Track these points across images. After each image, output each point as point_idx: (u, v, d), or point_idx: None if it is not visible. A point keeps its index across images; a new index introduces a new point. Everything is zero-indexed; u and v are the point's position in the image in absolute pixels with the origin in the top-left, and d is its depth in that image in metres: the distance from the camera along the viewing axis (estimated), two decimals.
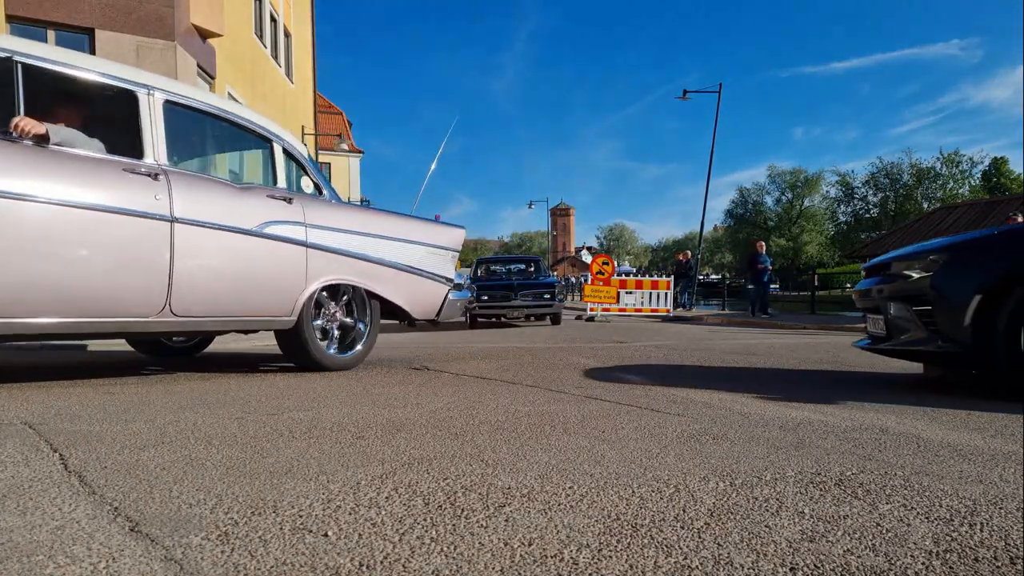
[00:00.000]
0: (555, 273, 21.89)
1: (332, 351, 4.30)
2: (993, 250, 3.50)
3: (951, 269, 3.50)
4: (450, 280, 5.02)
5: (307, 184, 4.38)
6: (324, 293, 4.24)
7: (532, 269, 14.10)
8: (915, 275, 3.60)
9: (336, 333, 4.38)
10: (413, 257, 4.74)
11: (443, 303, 4.96)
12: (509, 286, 12.12)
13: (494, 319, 12.60)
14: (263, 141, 4.25)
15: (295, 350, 4.19)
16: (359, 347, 4.45)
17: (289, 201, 4.04)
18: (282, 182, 4.19)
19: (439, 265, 4.95)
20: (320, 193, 4.42)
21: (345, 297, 4.41)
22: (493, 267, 14.91)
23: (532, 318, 12.56)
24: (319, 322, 4.25)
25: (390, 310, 4.68)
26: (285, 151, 4.29)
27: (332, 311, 4.35)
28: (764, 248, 16.25)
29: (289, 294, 3.96)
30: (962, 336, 3.35)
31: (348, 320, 4.43)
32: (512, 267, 14.94)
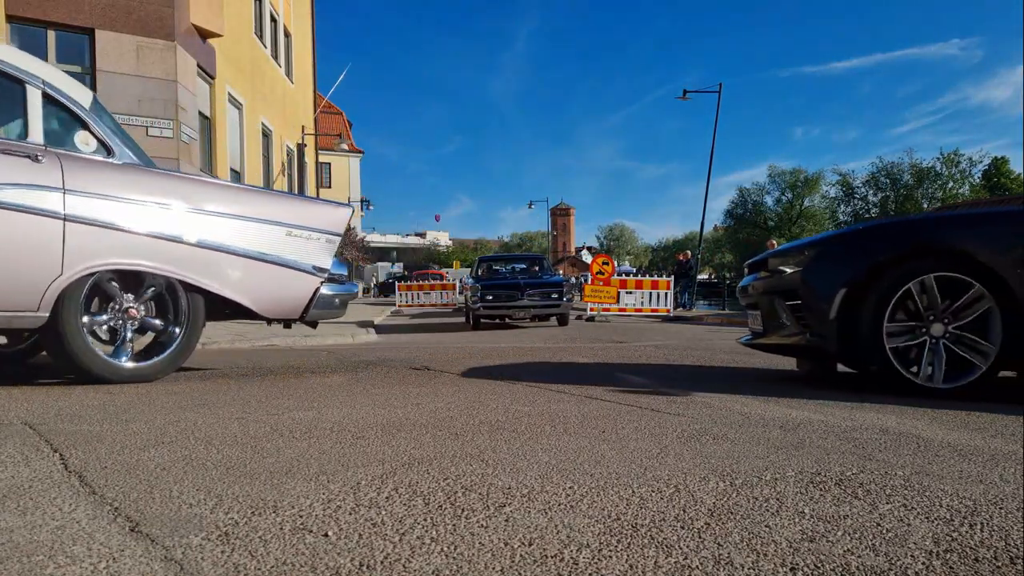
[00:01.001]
0: (559, 271, 21.78)
1: (123, 359, 3.47)
2: (859, 244, 3.50)
3: (820, 263, 3.53)
4: (323, 271, 4.03)
5: (84, 140, 3.42)
6: (114, 283, 3.48)
7: (537, 268, 13.71)
8: (789, 270, 3.63)
9: (129, 335, 3.53)
10: (263, 240, 3.80)
11: (311, 299, 4.00)
12: (515, 285, 11.62)
13: (498, 320, 12.26)
14: (11, 82, 3.27)
15: (58, 355, 3.36)
16: (164, 355, 3.58)
17: (36, 159, 3.15)
18: (36, 135, 3.24)
19: (306, 251, 3.95)
20: (110, 154, 3.47)
21: (152, 290, 3.59)
22: (496, 266, 14.54)
23: (536, 319, 12.22)
24: (103, 318, 3.49)
25: (235, 308, 3.82)
26: (47, 96, 3.33)
27: (123, 306, 3.51)
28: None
29: (32, 281, 3.11)
30: (828, 330, 3.38)
31: (155, 320, 3.63)
32: (516, 266, 14.66)
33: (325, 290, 4.06)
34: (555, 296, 11.59)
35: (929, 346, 3.30)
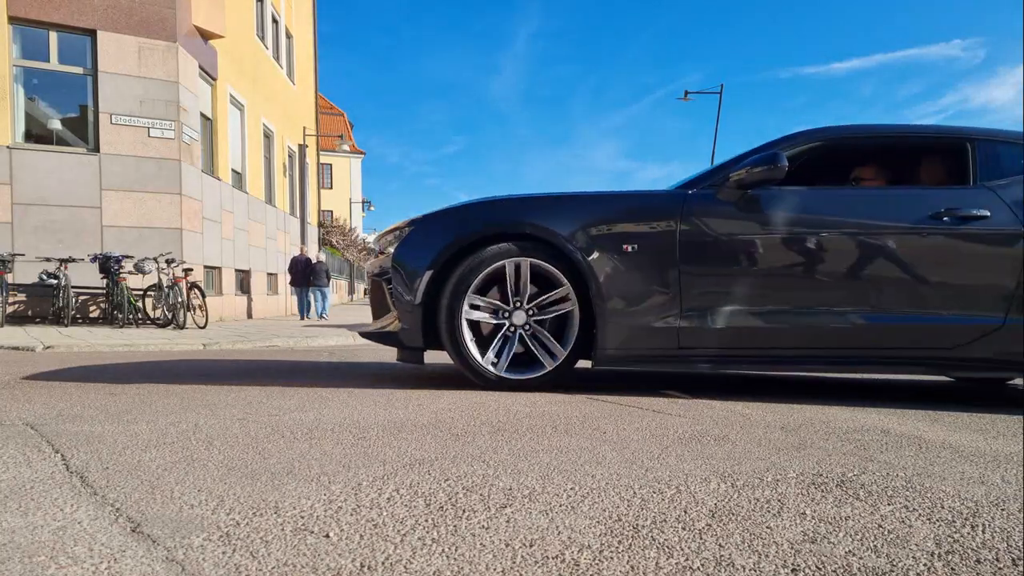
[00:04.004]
0: None
1: None
2: (446, 224, 3.27)
3: (410, 243, 3.29)
4: None
5: None
6: None
7: None
8: (391, 250, 3.37)
9: None
10: None
11: None
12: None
13: None
14: None
15: None
16: None
17: None
18: None
19: None
20: None
21: None
22: None
23: None
24: None
25: None
26: None
27: None
28: None
29: None
30: (415, 316, 3.21)
31: None
32: None
33: None
34: None
35: (505, 332, 3.22)
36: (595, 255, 3.09)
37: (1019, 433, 2.42)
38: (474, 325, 3.30)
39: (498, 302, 3.24)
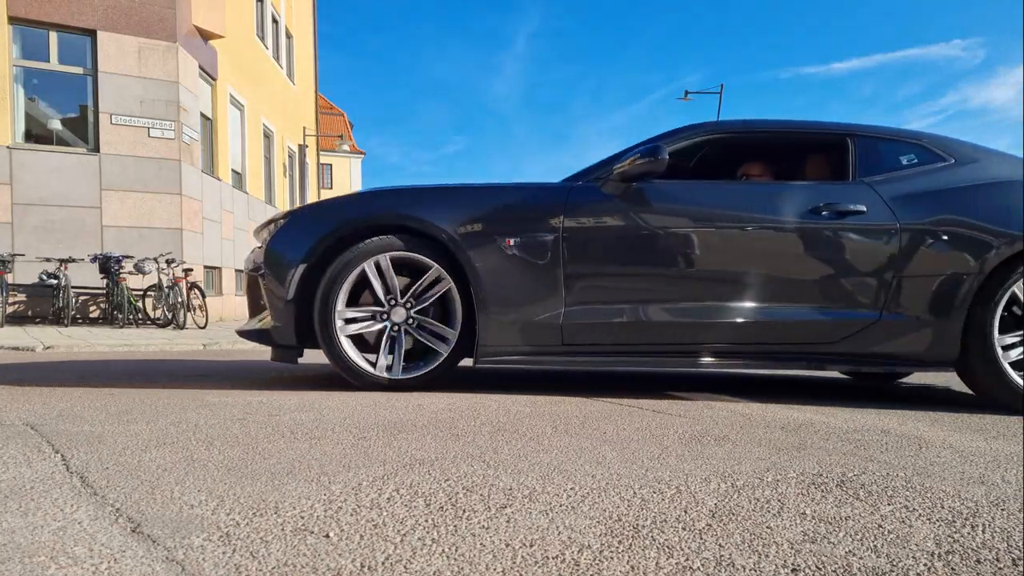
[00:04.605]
0: None
1: None
2: (321, 216, 3.14)
3: (283, 236, 3.15)
4: None
5: None
6: None
7: None
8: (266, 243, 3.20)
9: None
10: None
11: None
12: None
13: None
14: None
15: None
16: None
17: None
18: None
19: None
20: None
21: None
22: None
23: None
24: None
25: None
26: None
27: None
28: None
29: None
30: (287, 314, 3.07)
31: None
32: None
33: None
34: None
35: (389, 334, 3.10)
36: (476, 249, 2.99)
37: (1019, 433, 2.42)
38: (355, 327, 3.13)
39: (372, 307, 3.11)
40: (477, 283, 3.00)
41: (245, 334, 3.36)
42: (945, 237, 2.98)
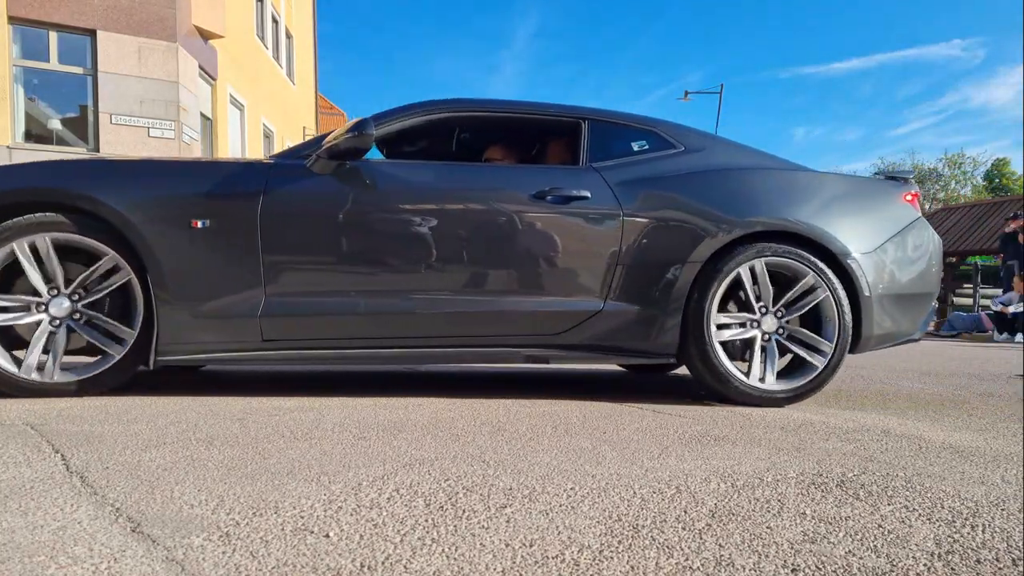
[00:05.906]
0: None
1: None
2: None
3: None
4: None
5: None
6: None
7: None
8: None
9: None
10: None
11: None
12: None
13: None
14: None
15: None
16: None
17: None
18: None
19: None
20: None
21: None
22: None
23: None
24: None
25: None
26: None
27: None
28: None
29: None
30: None
31: None
32: None
33: None
34: None
35: (46, 328, 2.69)
36: (155, 231, 2.61)
37: (1019, 433, 2.42)
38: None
39: (26, 296, 2.67)
40: (157, 272, 2.63)
41: None
42: (666, 224, 2.88)
